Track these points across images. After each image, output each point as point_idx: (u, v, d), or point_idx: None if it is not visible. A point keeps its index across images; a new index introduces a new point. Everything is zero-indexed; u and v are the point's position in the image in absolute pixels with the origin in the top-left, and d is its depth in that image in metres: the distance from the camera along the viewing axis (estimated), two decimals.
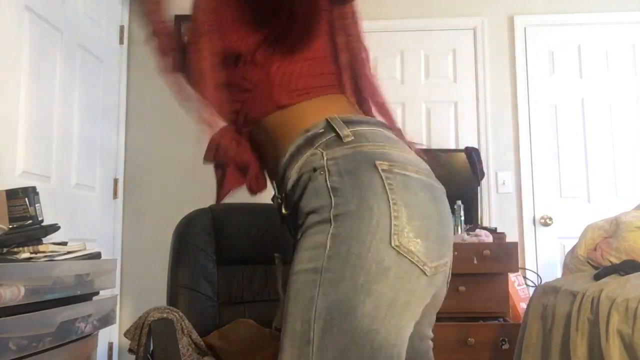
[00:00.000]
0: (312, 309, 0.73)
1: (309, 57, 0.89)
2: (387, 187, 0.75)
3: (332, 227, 0.74)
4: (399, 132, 0.95)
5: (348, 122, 0.83)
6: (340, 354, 0.71)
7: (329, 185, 0.77)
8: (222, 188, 0.98)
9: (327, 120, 0.83)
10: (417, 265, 0.73)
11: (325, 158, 0.80)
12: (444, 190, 0.86)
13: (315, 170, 0.80)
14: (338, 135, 0.81)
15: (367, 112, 0.98)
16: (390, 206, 0.74)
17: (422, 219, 0.75)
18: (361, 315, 0.71)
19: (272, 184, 0.96)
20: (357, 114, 0.90)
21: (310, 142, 0.83)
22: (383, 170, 0.76)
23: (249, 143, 0.94)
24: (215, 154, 0.95)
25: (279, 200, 0.91)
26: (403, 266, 0.73)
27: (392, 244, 0.72)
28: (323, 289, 0.72)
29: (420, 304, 0.77)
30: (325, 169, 0.79)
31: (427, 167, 0.85)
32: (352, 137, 0.80)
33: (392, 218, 0.73)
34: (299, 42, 0.87)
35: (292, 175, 0.84)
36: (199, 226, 2.20)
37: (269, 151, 0.91)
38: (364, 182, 0.75)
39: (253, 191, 1.00)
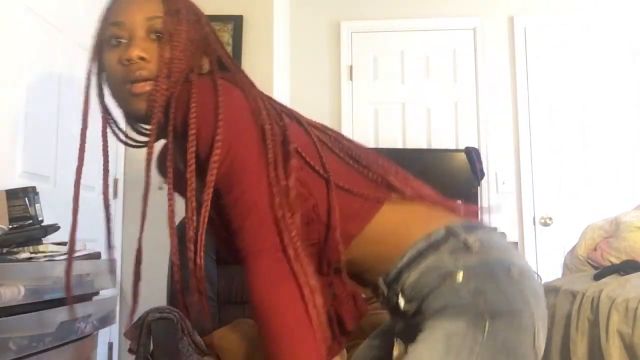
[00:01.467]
0: None
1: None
2: (523, 293, 0.82)
3: (487, 323, 0.79)
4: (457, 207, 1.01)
5: (468, 228, 0.90)
6: None
7: (472, 287, 0.83)
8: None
9: (446, 227, 0.89)
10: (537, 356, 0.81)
11: (457, 263, 0.86)
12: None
13: (449, 273, 0.85)
14: (465, 243, 0.87)
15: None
16: (529, 308, 0.81)
17: (545, 324, 0.84)
18: None
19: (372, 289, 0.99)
20: (469, 220, 0.96)
21: (434, 246, 0.88)
22: (514, 277, 0.83)
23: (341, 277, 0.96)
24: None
25: (394, 297, 0.93)
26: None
27: (535, 346, 0.80)
28: None
29: None
30: (461, 272, 0.85)
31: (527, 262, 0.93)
32: (479, 245, 0.87)
33: (535, 321, 0.80)
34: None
35: (412, 276, 0.89)
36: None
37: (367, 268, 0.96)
38: (506, 288, 0.82)
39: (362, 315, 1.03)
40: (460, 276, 0.84)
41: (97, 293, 1.81)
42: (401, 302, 0.91)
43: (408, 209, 0.94)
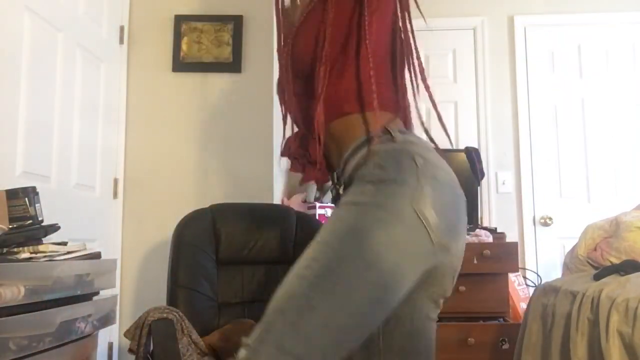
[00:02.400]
0: (341, 223, 0.95)
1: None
2: (419, 172, 0.97)
3: (377, 185, 0.97)
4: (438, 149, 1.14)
5: (401, 132, 1.08)
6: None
7: (380, 163, 1.00)
8: (303, 178, 1.21)
9: (384, 127, 1.07)
10: (426, 229, 0.92)
11: (378, 148, 1.02)
12: (465, 202, 1.05)
13: (370, 155, 1.03)
14: (391, 136, 1.05)
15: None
16: (418, 182, 0.95)
17: (442, 203, 0.96)
18: (374, 237, 0.91)
19: (330, 175, 1.17)
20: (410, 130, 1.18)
21: (369, 141, 1.05)
22: (418, 162, 0.98)
23: (319, 144, 1.11)
24: (286, 151, 1.23)
25: (337, 186, 1.13)
26: (415, 225, 0.92)
27: (413, 206, 0.93)
28: (356, 213, 0.94)
29: (419, 263, 0.94)
30: (372, 155, 1.02)
31: (456, 178, 1.05)
32: (402, 138, 1.05)
33: (418, 189, 0.94)
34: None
35: (349, 165, 1.07)
36: (199, 226, 2.20)
37: (333, 149, 1.13)
38: (404, 165, 0.98)
39: (318, 182, 1.21)
40: (375, 156, 1.01)
41: (97, 293, 1.80)
42: (340, 189, 1.10)
43: (371, 116, 1.09)
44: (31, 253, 1.52)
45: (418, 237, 0.92)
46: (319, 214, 2.72)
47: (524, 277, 2.97)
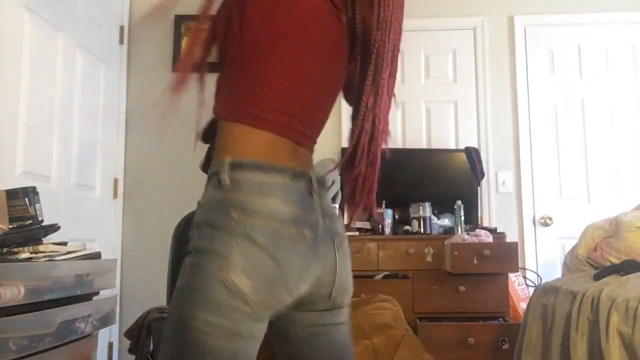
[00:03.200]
0: (171, 309, 0.95)
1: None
2: (230, 233, 0.91)
3: (193, 257, 0.94)
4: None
5: (238, 166, 0.95)
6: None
7: (196, 220, 0.96)
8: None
9: (226, 161, 0.95)
10: (240, 298, 0.90)
11: (206, 195, 0.98)
12: (309, 237, 0.96)
13: (198, 204, 0.99)
14: (219, 179, 0.95)
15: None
16: (227, 247, 0.91)
17: (257, 263, 0.91)
18: (194, 326, 0.91)
19: None
20: (266, 157, 0.97)
21: (211, 176, 0.99)
22: (233, 218, 0.92)
23: None
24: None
25: None
26: (227, 297, 0.90)
27: (221, 278, 0.90)
28: (177, 297, 0.94)
29: (250, 329, 0.92)
30: (201, 204, 0.97)
31: (294, 213, 0.95)
32: (228, 184, 0.94)
33: (226, 257, 0.90)
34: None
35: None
36: None
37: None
38: (217, 225, 0.93)
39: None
40: (199, 207, 0.97)
41: (97, 293, 1.81)
42: None
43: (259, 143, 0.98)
44: (31, 253, 1.52)
45: (235, 309, 0.90)
46: None
47: (524, 277, 2.97)
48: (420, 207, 2.85)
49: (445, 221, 2.93)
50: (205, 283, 0.91)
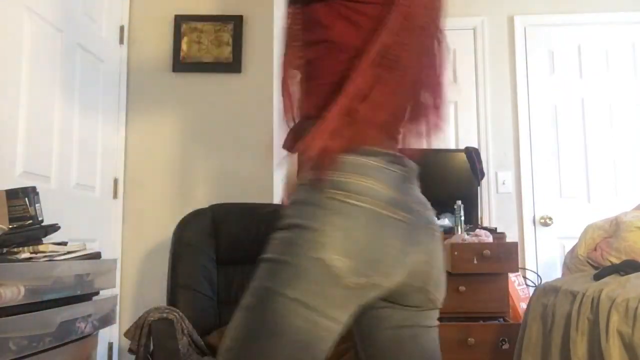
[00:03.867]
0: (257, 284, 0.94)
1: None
2: (328, 211, 0.91)
3: (284, 233, 0.94)
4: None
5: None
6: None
7: (295, 199, 0.97)
8: None
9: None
10: (335, 277, 0.88)
11: (306, 176, 0.97)
12: (407, 221, 0.95)
13: (298, 184, 1.00)
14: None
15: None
16: (324, 224, 0.90)
17: (355, 241, 0.90)
18: (279, 301, 0.89)
19: None
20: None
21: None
22: (331, 197, 0.92)
23: None
24: None
25: None
26: (321, 275, 0.88)
27: (315, 255, 0.88)
28: (264, 271, 0.94)
29: (340, 310, 0.91)
30: (302, 184, 0.98)
31: (392, 196, 0.94)
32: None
33: (322, 233, 0.89)
34: None
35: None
36: (199, 226, 2.20)
37: None
38: (313, 202, 0.93)
39: None
40: (297, 189, 0.98)
41: (97, 293, 1.81)
42: None
43: None
44: (31, 253, 1.52)
45: (327, 287, 0.88)
46: None
47: (524, 277, 2.97)
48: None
49: (445, 221, 2.93)
50: (300, 260, 0.89)
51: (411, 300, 1.02)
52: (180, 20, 2.93)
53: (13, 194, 1.67)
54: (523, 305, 2.65)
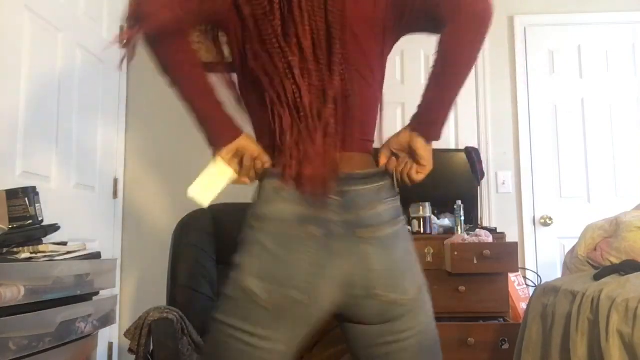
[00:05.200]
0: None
1: None
2: (247, 242, 1.01)
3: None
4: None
5: (265, 174, 1.04)
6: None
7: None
8: None
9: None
10: (255, 301, 0.96)
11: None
12: (319, 234, 0.97)
13: None
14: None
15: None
16: (242, 255, 1.01)
17: (265, 264, 0.97)
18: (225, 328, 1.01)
19: None
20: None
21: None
22: (250, 227, 1.01)
23: None
24: None
25: None
26: (246, 301, 0.97)
27: (240, 284, 0.98)
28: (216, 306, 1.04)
29: (269, 328, 0.97)
30: None
31: (300, 213, 0.97)
32: (255, 195, 1.05)
33: (242, 263, 1.00)
34: None
35: None
36: (199, 226, 2.20)
37: None
38: (242, 238, 1.03)
39: None
40: None
41: (97, 293, 1.81)
42: None
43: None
44: (31, 253, 1.52)
45: (251, 309, 0.97)
46: None
47: (524, 277, 2.97)
48: (420, 207, 2.85)
49: (445, 221, 2.93)
50: (228, 289, 1.01)
51: (368, 312, 1.00)
52: None
53: (13, 194, 1.67)
54: (523, 305, 2.65)
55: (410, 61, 3.40)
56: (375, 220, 1.00)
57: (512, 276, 2.75)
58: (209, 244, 2.18)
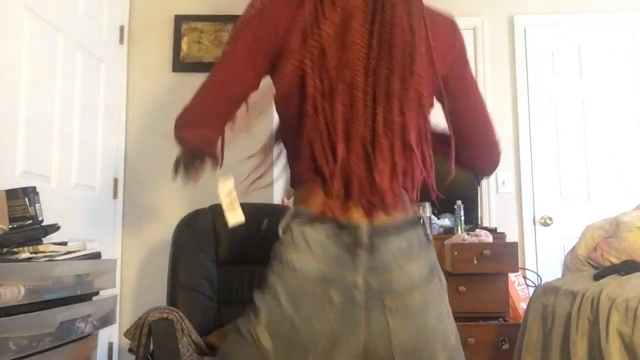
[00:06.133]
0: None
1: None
2: (265, 289, 0.95)
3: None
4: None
5: (295, 214, 0.98)
6: None
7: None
8: None
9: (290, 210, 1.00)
10: (259, 348, 0.92)
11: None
12: (333, 296, 0.90)
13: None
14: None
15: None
16: (259, 301, 0.95)
17: (277, 320, 0.92)
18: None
19: None
20: (304, 206, 0.99)
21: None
22: (272, 271, 0.95)
23: None
24: None
25: None
26: (252, 348, 0.93)
27: (249, 329, 0.94)
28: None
29: None
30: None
31: (321, 271, 0.91)
32: (280, 232, 0.97)
33: (256, 310, 0.94)
34: None
35: None
36: (199, 226, 2.19)
37: None
38: (266, 276, 0.97)
39: None
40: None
41: (97, 293, 1.81)
42: None
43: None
44: (31, 253, 1.52)
45: (257, 357, 0.92)
46: None
47: (524, 277, 2.97)
48: (420, 207, 2.85)
49: (445, 221, 2.93)
50: (241, 328, 0.97)
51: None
52: (180, 20, 2.93)
53: (13, 194, 1.67)
54: (523, 305, 2.65)
55: None
56: (404, 284, 0.92)
57: (512, 276, 2.76)
58: (209, 244, 2.17)
